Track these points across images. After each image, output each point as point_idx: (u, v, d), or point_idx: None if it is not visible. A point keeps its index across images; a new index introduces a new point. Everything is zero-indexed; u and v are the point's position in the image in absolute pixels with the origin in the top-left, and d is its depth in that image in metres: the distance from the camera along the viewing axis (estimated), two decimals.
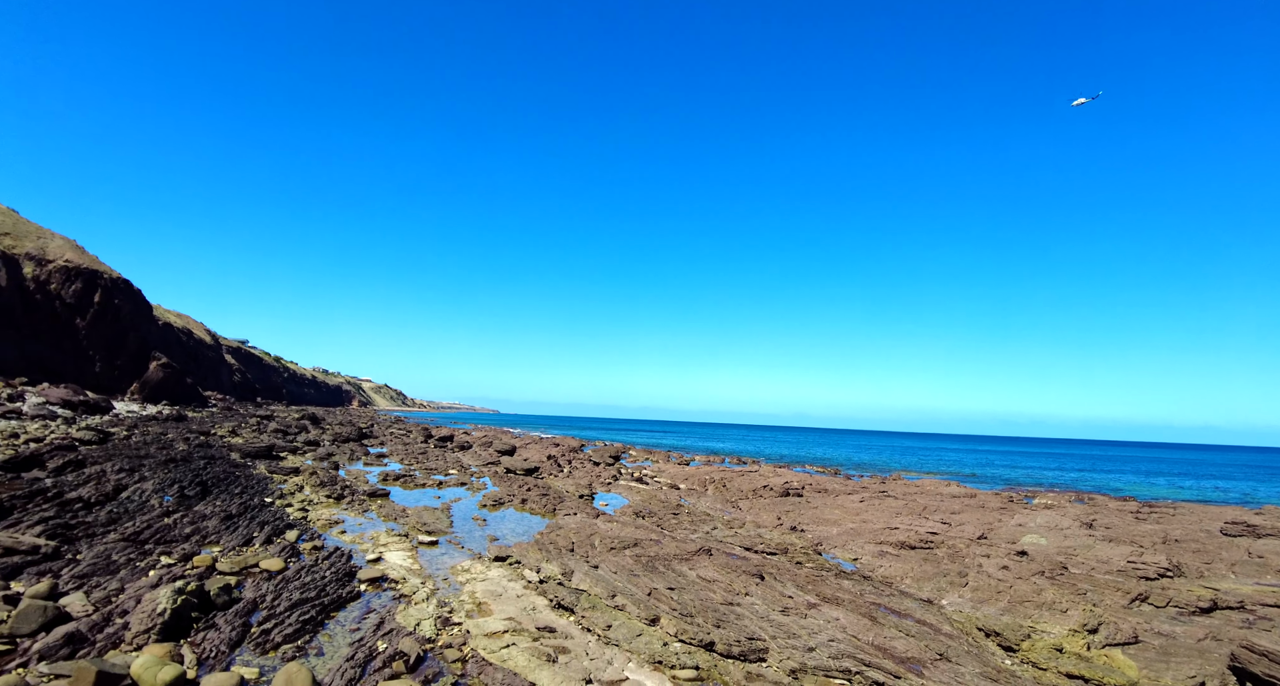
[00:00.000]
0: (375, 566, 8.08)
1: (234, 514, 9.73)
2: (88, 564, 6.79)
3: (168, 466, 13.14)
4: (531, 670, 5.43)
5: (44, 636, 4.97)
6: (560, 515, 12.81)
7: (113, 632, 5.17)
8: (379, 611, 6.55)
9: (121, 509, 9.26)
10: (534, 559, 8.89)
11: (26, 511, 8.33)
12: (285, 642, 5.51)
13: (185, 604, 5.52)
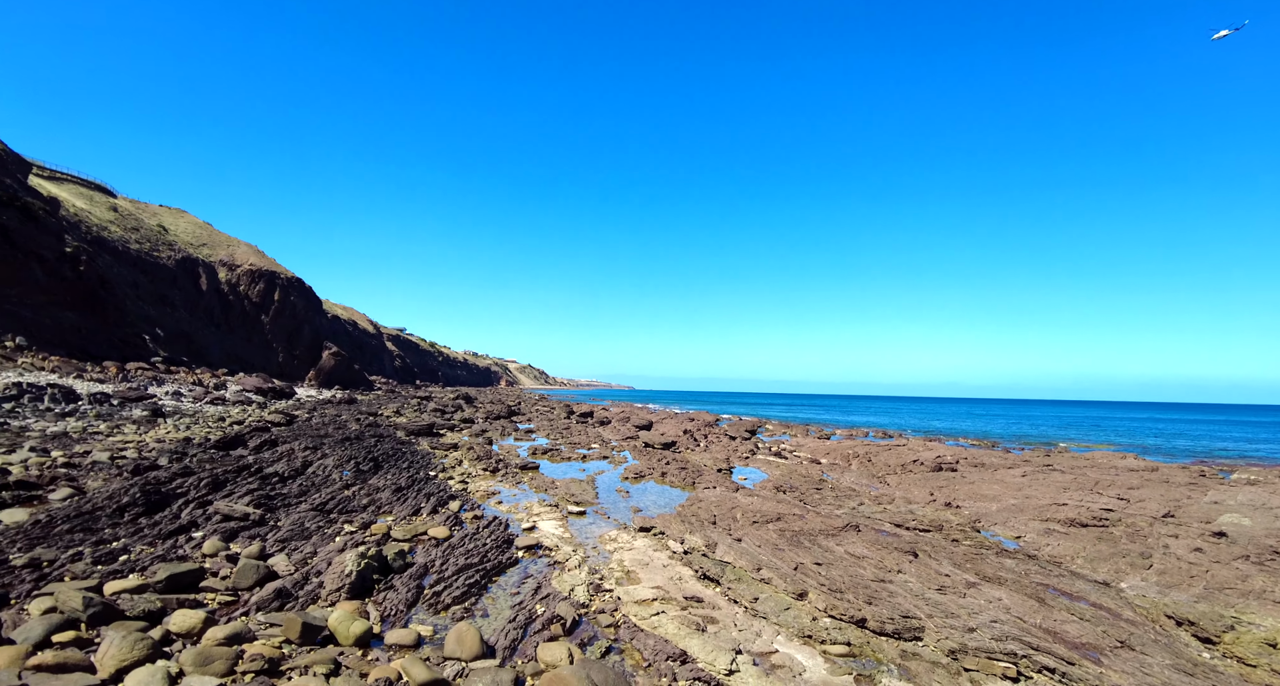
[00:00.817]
0: (530, 534, 8.55)
1: (403, 486, 10.64)
2: (286, 530, 7.69)
3: (344, 444, 14.57)
4: (682, 638, 5.54)
5: (258, 590, 5.69)
6: (700, 488, 12.92)
7: (311, 589, 5.82)
8: (535, 577, 6.93)
9: (310, 482, 10.40)
10: (677, 530, 9.04)
11: (237, 484, 9.56)
12: (454, 604, 5.97)
13: (368, 567, 6.12)
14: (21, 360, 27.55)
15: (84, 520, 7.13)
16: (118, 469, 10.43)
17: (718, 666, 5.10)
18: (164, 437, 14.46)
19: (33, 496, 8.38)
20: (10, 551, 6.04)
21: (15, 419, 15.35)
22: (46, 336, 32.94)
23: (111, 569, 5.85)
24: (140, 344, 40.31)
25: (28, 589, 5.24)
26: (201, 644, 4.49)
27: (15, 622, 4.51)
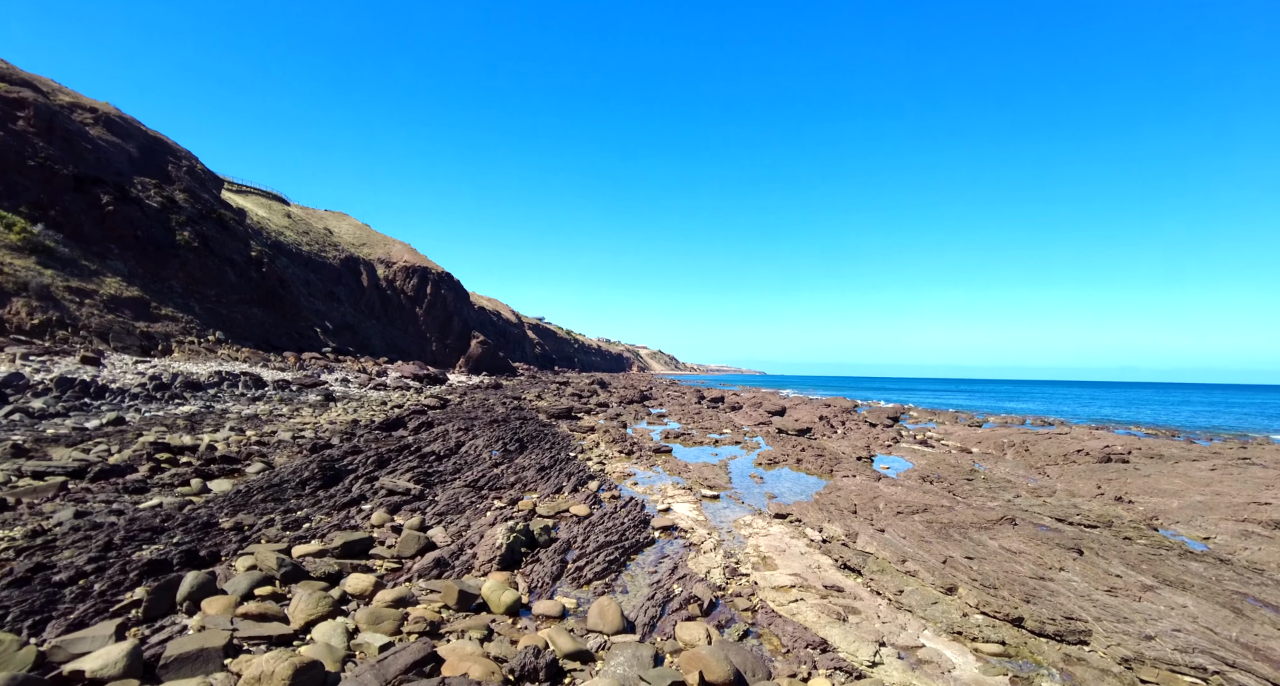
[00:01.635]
0: (665, 516, 8.70)
1: (546, 466, 11.16)
2: (443, 504, 8.30)
3: (492, 426, 15.47)
4: (822, 626, 5.43)
5: (419, 559, 6.19)
6: (838, 476, 12.55)
7: (465, 560, 6.26)
8: (672, 557, 7.05)
9: (462, 461, 11.15)
10: (815, 518, 8.84)
11: (399, 462, 10.43)
12: (595, 579, 6.20)
13: (516, 540, 6.48)
14: (221, 351, 31.48)
15: (274, 491, 8.07)
16: (299, 447, 11.69)
17: (860, 657, 4.96)
18: (335, 419, 16.03)
19: (234, 469, 9.60)
20: (220, 515, 6.96)
21: (218, 402, 17.60)
22: (239, 330, 37.41)
23: (297, 534, 6.60)
24: (313, 336, 44.81)
25: (233, 548, 6.03)
26: (373, 605, 4.96)
27: (226, 576, 5.20)
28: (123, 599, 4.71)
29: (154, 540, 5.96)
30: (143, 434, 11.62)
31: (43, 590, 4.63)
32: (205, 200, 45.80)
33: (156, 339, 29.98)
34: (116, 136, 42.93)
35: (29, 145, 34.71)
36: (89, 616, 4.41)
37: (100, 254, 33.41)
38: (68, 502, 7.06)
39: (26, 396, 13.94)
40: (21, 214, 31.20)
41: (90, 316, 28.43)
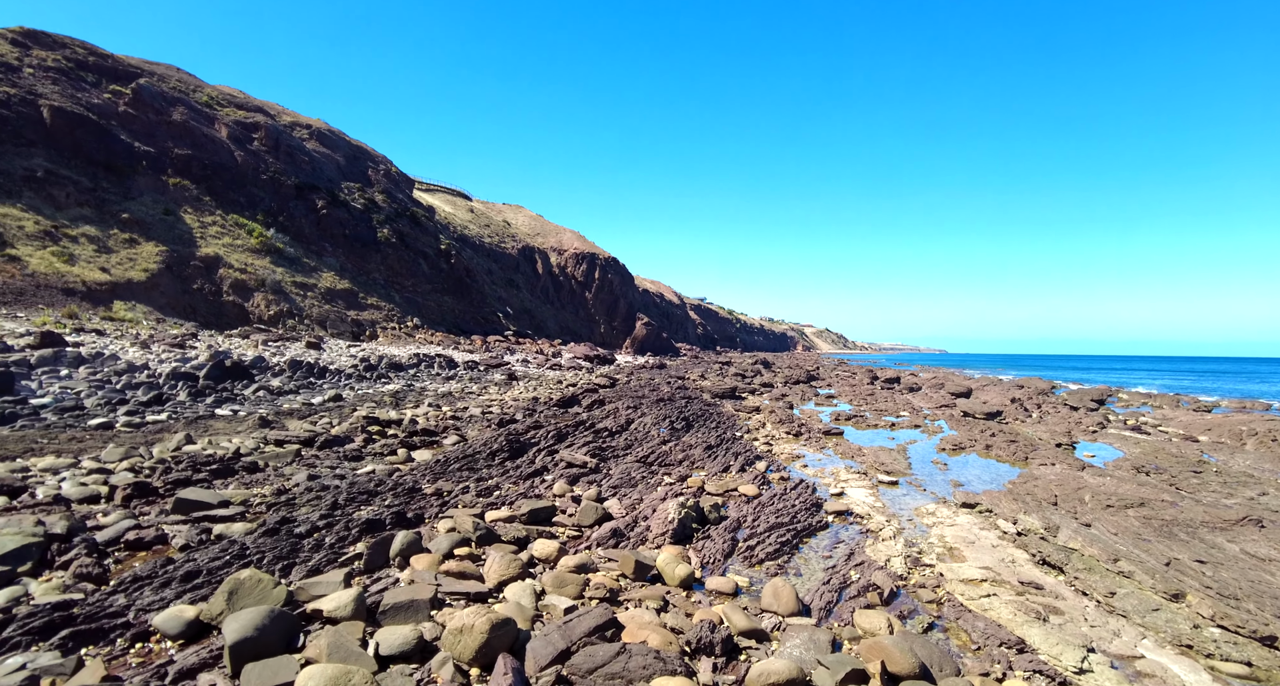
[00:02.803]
0: (839, 500, 8.42)
1: (713, 445, 11.23)
2: (616, 477, 8.62)
3: (658, 405, 15.81)
4: (1018, 625, 4.99)
5: (597, 529, 6.48)
6: (1034, 465, 11.44)
7: (639, 532, 6.46)
8: (847, 543, 6.81)
9: (633, 437, 11.51)
10: (1008, 509, 8.13)
11: (575, 437, 10.98)
12: (767, 559, 6.14)
13: (687, 516, 6.58)
14: (418, 336, 34.81)
15: (468, 461, 8.81)
16: (487, 421, 12.66)
17: (1064, 662, 4.50)
18: (518, 397, 17.18)
19: (433, 441, 10.61)
20: (422, 482, 7.73)
21: (417, 381, 19.50)
22: (432, 317, 41.13)
23: (489, 501, 7.16)
24: (496, 320, 48.24)
25: (435, 511, 6.66)
26: (557, 569, 5.26)
27: (430, 536, 5.77)
28: (348, 551, 5.38)
29: (369, 502, 6.75)
30: (356, 409, 13.17)
31: (288, 540, 5.41)
32: (400, 200, 50.64)
33: (364, 325, 33.76)
34: (327, 148, 48.59)
35: (262, 161, 40.22)
36: (323, 564, 5.08)
37: (317, 252, 38.08)
38: (302, 467, 8.18)
39: (267, 376, 16.29)
40: (259, 221, 36.31)
41: (311, 307, 32.56)
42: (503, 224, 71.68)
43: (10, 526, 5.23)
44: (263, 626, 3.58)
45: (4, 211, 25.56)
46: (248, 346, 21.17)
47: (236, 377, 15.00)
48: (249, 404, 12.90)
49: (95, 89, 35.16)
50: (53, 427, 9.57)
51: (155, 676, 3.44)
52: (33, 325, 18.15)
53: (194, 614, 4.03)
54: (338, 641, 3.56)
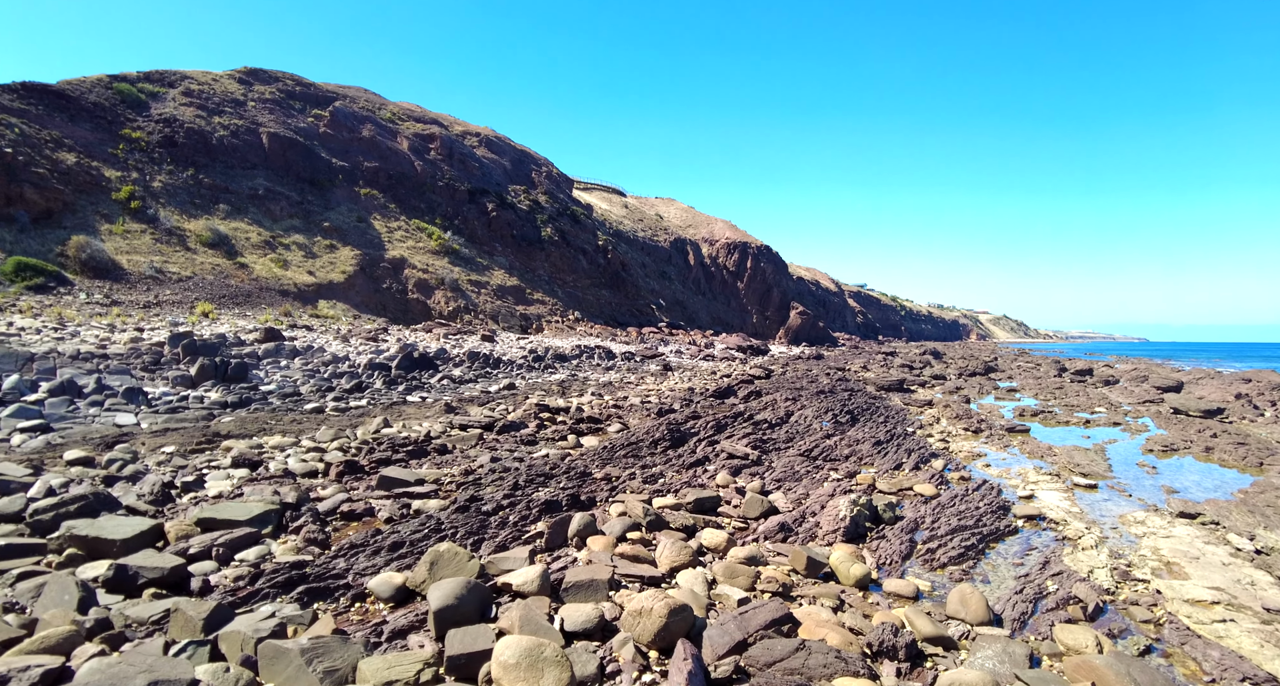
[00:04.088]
0: (1028, 504, 7.71)
1: (882, 440, 10.71)
2: (779, 471, 8.47)
3: (819, 397, 15.35)
4: (1266, 660, 4.29)
5: (763, 522, 6.41)
6: (1272, 472, 9.82)
7: (808, 528, 6.30)
8: (1041, 551, 6.22)
9: (794, 430, 11.26)
10: (1241, 522, 7.04)
11: (734, 428, 10.93)
12: (950, 564, 5.76)
13: (859, 514, 6.32)
14: (579, 328, 36.27)
15: (632, 449, 9.05)
16: (646, 410, 12.93)
17: None
18: (674, 387, 17.40)
19: (598, 428, 11.01)
20: (592, 467, 8.04)
21: (580, 371, 20.33)
22: (591, 310, 42.68)
23: (655, 488, 7.31)
24: (650, 312, 49.16)
25: (605, 496, 6.91)
26: (726, 560, 5.25)
27: (602, 519, 5.99)
28: (529, 530, 5.72)
29: (545, 484, 7.12)
30: (528, 397, 13.96)
31: (476, 517, 5.84)
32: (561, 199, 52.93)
33: (531, 319, 35.71)
34: (494, 153, 51.80)
35: (438, 169, 43.63)
36: (508, 541, 5.44)
37: (489, 252, 40.73)
38: (484, 450, 8.81)
39: (449, 366, 17.70)
40: (437, 224, 39.47)
41: (485, 302, 34.93)
42: (655, 218, 72.82)
43: (255, 495, 6.09)
44: (461, 596, 3.89)
45: (236, 225, 29.79)
46: (431, 339, 23.17)
47: (423, 368, 16.45)
48: (434, 391, 14.11)
49: (301, 114, 39.96)
50: (278, 410, 11.01)
51: (373, 633, 3.85)
52: (258, 323, 21.02)
53: (401, 580, 4.46)
54: (528, 615, 3.79)
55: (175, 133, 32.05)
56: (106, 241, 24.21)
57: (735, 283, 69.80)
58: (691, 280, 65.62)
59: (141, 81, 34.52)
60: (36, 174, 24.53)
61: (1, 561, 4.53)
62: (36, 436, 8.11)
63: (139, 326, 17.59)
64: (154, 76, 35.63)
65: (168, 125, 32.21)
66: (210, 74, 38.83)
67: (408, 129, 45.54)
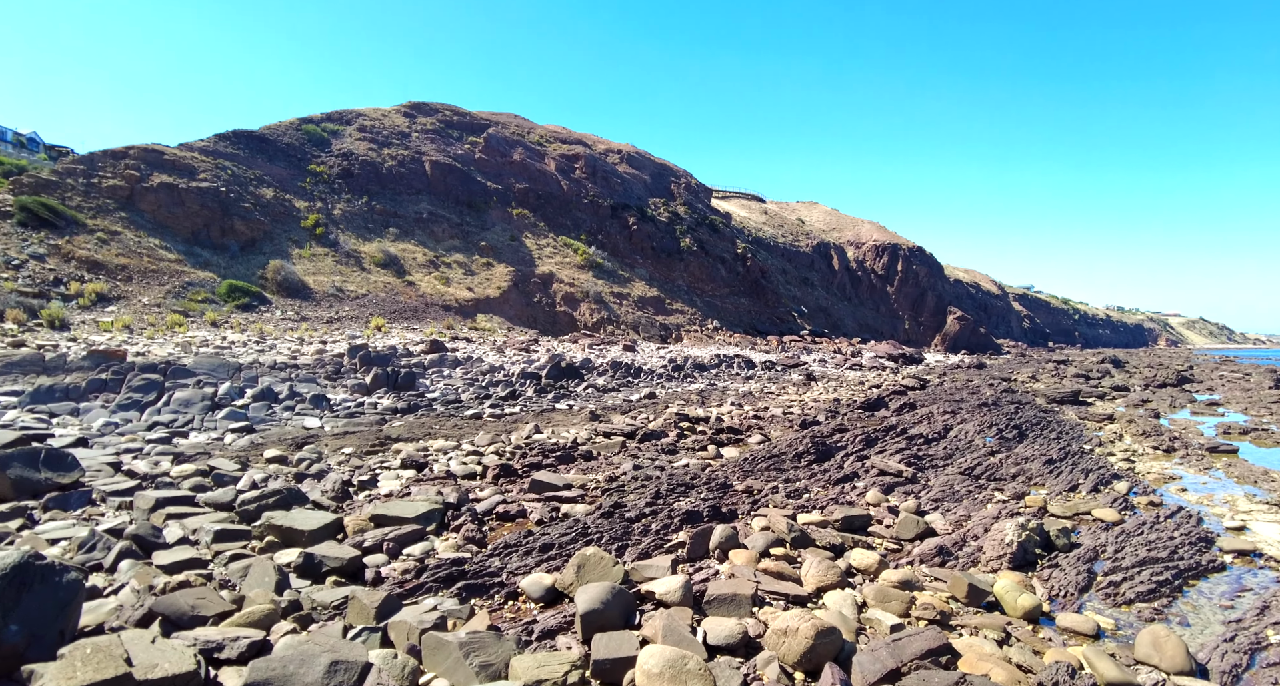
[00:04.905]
0: (1239, 537, 6.69)
1: (1054, 458, 9.74)
2: (937, 490, 7.94)
3: (980, 410, 14.25)
4: None
5: (919, 544, 6.02)
6: None
7: (969, 552, 5.84)
8: (1259, 593, 5.36)
9: (952, 446, 10.52)
10: None
11: (886, 442, 10.39)
12: (1138, 600, 5.11)
13: (1028, 539, 5.78)
14: (718, 337, 36.18)
15: (774, 461, 8.86)
16: (789, 422, 12.62)
17: None
18: (818, 398, 16.86)
19: (738, 439, 10.89)
20: (733, 478, 7.96)
21: (719, 381, 20.24)
22: (730, 319, 42.44)
23: (799, 504, 7.09)
24: (791, 320, 48.07)
25: (747, 509, 6.80)
26: (878, 583, 4.99)
27: (744, 533, 5.89)
28: (671, 539, 5.74)
29: (686, 493, 7.13)
30: (668, 406, 14.09)
31: (620, 523, 5.96)
32: (699, 210, 53.23)
33: (670, 329, 36.10)
34: (635, 169, 53.06)
35: (582, 187, 45.36)
36: (651, 549, 5.49)
37: (630, 264, 41.70)
38: (627, 457, 8.99)
39: (594, 375, 18.27)
40: (582, 240, 41.01)
41: (626, 314, 35.76)
42: (796, 223, 71.23)
43: (421, 494, 6.60)
44: (607, 601, 3.97)
45: (404, 247, 32.62)
46: (577, 350, 24.06)
47: (569, 377, 17.11)
48: (580, 399, 14.62)
49: (458, 142, 43.13)
50: (441, 416, 11.87)
51: (524, 631, 4.02)
52: (423, 335, 22.82)
53: (550, 582, 4.63)
54: (671, 625, 3.80)
55: (352, 165, 35.74)
56: (297, 264, 27.37)
57: (884, 287, 66.66)
58: (836, 285, 63.47)
59: (324, 122, 38.85)
60: (243, 208, 28.29)
61: (218, 543, 5.22)
62: (243, 436, 9.29)
63: (323, 340, 19.68)
64: (334, 116, 39.97)
65: (345, 159, 36.01)
66: (380, 110, 42.95)
67: (554, 150, 47.81)
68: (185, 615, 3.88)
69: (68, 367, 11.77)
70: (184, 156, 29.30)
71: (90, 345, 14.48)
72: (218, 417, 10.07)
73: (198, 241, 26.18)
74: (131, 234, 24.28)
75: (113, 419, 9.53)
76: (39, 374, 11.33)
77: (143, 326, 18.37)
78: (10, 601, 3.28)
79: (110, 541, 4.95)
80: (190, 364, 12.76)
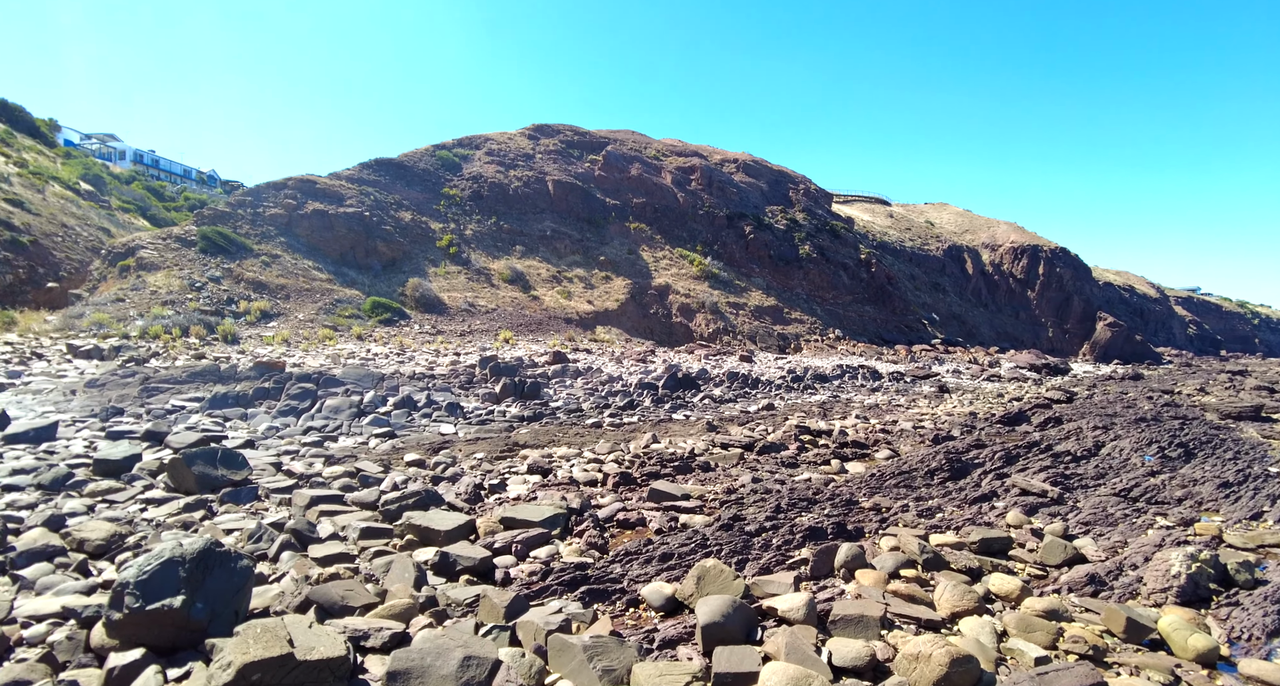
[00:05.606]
0: None
1: (1230, 481, 8.65)
2: (1087, 513, 7.26)
3: (1137, 425, 12.91)
4: None
5: (1066, 571, 5.53)
6: None
7: (1127, 583, 5.29)
8: None
9: (1105, 465, 9.60)
10: None
11: (1028, 459, 9.65)
12: None
13: (1200, 572, 5.16)
14: (840, 347, 35.04)
15: (904, 478, 8.44)
16: (920, 437, 11.99)
17: None
18: (951, 411, 15.90)
19: (864, 454, 10.47)
20: (858, 495, 7.65)
21: (842, 392, 19.56)
22: (853, 327, 40.98)
23: (931, 523, 6.71)
24: (921, 328, 45.72)
25: (874, 527, 6.52)
26: (1020, 610, 4.63)
27: (872, 552, 5.65)
28: (793, 555, 5.60)
29: (809, 509, 6.94)
30: (788, 418, 13.79)
31: (740, 536, 5.89)
32: (819, 215, 51.95)
33: (789, 339, 35.37)
34: (751, 177, 52.61)
35: (698, 199, 45.51)
36: (772, 564, 5.39)
37: (746, 273, 41.31)
38: (745, 469, 8.87)
39: (710, 386, 18.20)
40: (697, 251, 41.09)
41: (743, 324, 35.41)
42: (924, 225, 67.82)
43: (547, 499, 6.83)
44: (728, 614, 3.93)
45: (530, 263, 34.04)
46: (693, 360, 24.08)
47: (686, 387, 17.15)
48: (697, 410, 14.60)
49: (579, 161, 44.57)
50: (564, 424, 12.23)
51: (645, 639, 4.05)
52: (547, 347, 23.66)
53: (671, 591, 4.65)
54: (795, 643, 3.70)
55: (481, 187, 37.80)
56: (433, 282, 29.23)
57: (1024, 292, 62.00)
58: (970, 291, 59.78)
59: (455, 147, 41.37)
60: (385, 230, 30.61)
61: (364, 540, 5.64)
62: (385, 441, 10.00)
63: (456, 352, 20.86)
64: (464, 142, 42.47)
65: (475, 182, 38.14)
66: (506, 134, 45.19)
67: (670, 164, 48.31)
68: (336, 604, 4.22)
69: (238, 377, 13.17)
70: (333, 185, 32.15)
71: (256, 357, 16.16)
72: (363, 423, 10.90)
73: (345, 262, 28.58)
74: (289, 256, 26.89)
75: (274, 423, 10.55)
76: (215, 382, 12.75)
77: (299, 340, 20.26)
78: (197, 582, 3.71)
79: (273, 533, 5.48)
80: (339, 374, 13.92)
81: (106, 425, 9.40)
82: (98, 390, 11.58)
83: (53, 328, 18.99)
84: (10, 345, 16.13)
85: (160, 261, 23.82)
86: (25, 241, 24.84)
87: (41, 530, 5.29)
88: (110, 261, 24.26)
